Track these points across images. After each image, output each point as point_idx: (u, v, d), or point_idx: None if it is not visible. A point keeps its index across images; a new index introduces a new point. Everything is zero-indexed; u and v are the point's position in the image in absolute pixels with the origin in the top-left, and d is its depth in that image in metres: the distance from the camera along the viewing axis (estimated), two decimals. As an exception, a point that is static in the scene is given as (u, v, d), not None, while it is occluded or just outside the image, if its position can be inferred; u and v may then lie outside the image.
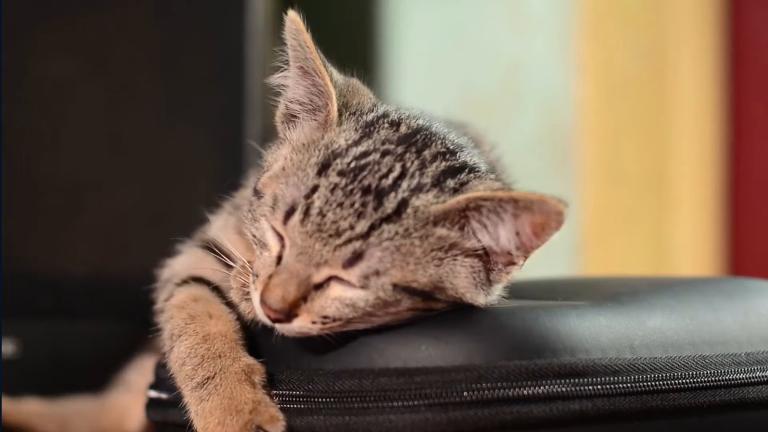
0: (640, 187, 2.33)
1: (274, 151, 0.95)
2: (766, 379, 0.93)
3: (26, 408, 1.34)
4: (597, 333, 0.89)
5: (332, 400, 0.86)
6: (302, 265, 0.85)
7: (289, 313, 0.85)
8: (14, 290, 1.48)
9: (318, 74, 0.91)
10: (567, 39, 2.26)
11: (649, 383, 0.87)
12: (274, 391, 0.89)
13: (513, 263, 0.88)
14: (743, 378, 0.92)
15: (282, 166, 0.91)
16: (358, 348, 0.87)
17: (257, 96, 1.64)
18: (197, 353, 0.91)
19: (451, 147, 0.92)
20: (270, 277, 0.86)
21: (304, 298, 0.85)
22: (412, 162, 0.88)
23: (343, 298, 0.85)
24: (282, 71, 0.94)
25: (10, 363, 1.50)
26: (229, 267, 0.95)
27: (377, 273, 0.84)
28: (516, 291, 1.04)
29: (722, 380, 0.91)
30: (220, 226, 1.03)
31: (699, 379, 0.90)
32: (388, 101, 1.01)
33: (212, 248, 1.00)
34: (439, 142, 0.92)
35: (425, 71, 2.35)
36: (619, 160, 2.31)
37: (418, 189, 0.86)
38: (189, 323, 0.94)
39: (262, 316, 0.87)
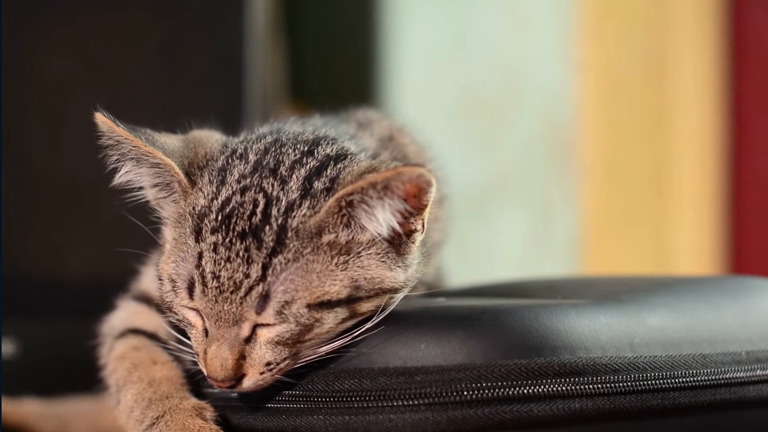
0: (640, 187, 2.33)
1: (163, 233, 0.94)
2: (766, 377, 0.93)
3: (26, 408, 1.34)
4: (597, 331, 0.88)
5: (332, 399, 0.86)
6: (224, 329, 0.85)
7: (235, 377, 0.85)
8: (14, 290, 1.48)
9: (149, 155, 0.90)
10: (567, 39, 2.26)
11: (649, 382, 0.87)
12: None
13: (413, 231, 0.88)
14: (743, 376, 0.92)
15: (169, 247, 0.90)
16: (358, 348, 0.87)
17: (257, 96, 1.64)
18: (144, 397, 0.91)
19: (306, 148, 0.90)
20: (205, 352, 0.86)
21: (242, 356, 0.85)
22: (272, 185, 0.87)
23: (271, 338, 0.85)
24: (121, 170, 0.93)
25: (10, 363, 1.50)
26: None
27: (287, 303, 0.84)
28: (516, 290, 1.04)
29: (722, 379, 0.91)
30: (152, 277, 1.01)
31: (699, 378, 0.90)
32: (388, 101, 1.00)
33: (146, 299, 1.00)
34: (291, 150, 0.90)
35: (425, 71, 2.34)
36: (619, 159, 2.30)
37: (289, 209, 0.85)
38: (132, 371, 0.94)
39: (219, 390, 0.88)
